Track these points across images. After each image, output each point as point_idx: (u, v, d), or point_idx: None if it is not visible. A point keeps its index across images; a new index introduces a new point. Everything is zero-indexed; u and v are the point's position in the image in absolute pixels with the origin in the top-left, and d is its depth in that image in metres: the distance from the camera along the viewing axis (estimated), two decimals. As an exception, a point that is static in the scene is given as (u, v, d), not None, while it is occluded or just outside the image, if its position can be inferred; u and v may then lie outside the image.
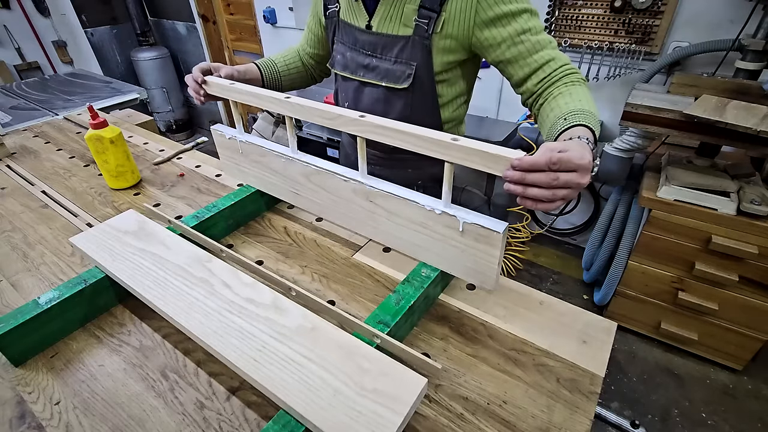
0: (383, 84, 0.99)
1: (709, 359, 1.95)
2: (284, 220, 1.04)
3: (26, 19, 3.54)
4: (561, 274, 2.52)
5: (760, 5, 1.59)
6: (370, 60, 1.00)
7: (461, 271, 0.74)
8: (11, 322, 0.68)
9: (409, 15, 0.90)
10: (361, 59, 1.01)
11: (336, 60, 1.08)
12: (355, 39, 1.01)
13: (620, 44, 1.98)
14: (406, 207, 0.74)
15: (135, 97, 2.34)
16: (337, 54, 1.07)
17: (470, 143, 0.60)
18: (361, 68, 1.02)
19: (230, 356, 0.60)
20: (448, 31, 0.89)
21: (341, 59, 1.06)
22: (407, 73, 0.96)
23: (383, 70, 0.98)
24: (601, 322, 0.76)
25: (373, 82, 1.01)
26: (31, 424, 0.62)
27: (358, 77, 1.03)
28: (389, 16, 0.93)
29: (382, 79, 0.99)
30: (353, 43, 1.01)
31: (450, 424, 0.61)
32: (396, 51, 0.95)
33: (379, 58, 0.98)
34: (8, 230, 1.04)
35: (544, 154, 0.56)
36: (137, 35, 4.02)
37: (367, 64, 1.00)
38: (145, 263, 0.76)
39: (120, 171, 1.17)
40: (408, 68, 0.95)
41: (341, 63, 1.06)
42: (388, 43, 0.95)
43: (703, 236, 1.65)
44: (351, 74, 1.04)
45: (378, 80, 1.00)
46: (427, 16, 0.89)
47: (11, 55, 3.55)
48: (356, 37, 1.00)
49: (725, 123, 1.39)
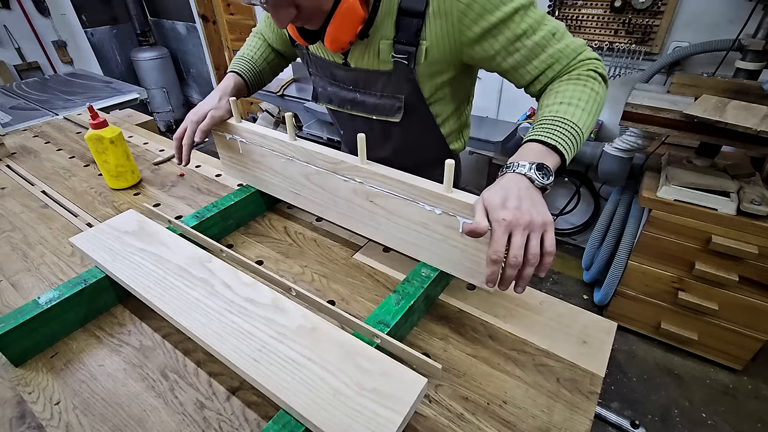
0: (374, 117, 0.94)
1: (709, 359, 1.95)
2: (284, 220, 1.04)
3: (26, 19, 3.54)
4: (561, 274, 2.52)
5: (760, 5, 1.59)
6: (354, 95, 0.93)
7: (461, 271, 0.74)
8: (11, 322, 0.68)
9: (385, 50, 0.81)
10: (344, 94, 0.95)
11: (318, 92, 1.02)
12: (332, 74, 0.93)
13: (620, 44, 1.98)
14: (406, 207, 0.74)
15: (135, 97, 2.34)
16: (317, 87, 1.01)
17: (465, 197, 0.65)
18: (347, 102, 0.96)
19: (230, 356, 0.60)
20: (433, 57, 0.80)
21: (323, 93, 1.00)
22: (396, 106, 0.89)
23: (371, 105, 0.92)
24: (601, 322, 0.76)
25: (362, 115, 0.96)
26: (31, 424, 0.62)
27: (347, 110, 0.98)
28: (365, 53, 0.84)
29: (372, 113, 0.94)
30: (332, 78, 0.94)
31: (450, 424, 0.61)
32: (380, 86, 0.88)
33: (363, 92, 0.91)
34: (8, 230, 1.04)
35: (498, 234, 0.57)
36: (137, 35, 4.02)
37: (352, 98, 0.94)
38: (145, 263, 0.76)
39: (120, 171, 1.17)
40: (397, 101, 0.88)
41: (325, 96, 1.00)
42: (369, 78, 0.87)
43: (703, 236, 1.65)
44: (338, 107, 0.99)
45: (368, 114, 0.94)
46: (405, 51, 0.79)
47: (11, 55, 3.55)
48: (333, 73, 0.92)
49: (725, 123, 1.39)
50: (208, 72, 4.11)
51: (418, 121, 0.94)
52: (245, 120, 0.94)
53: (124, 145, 1.16)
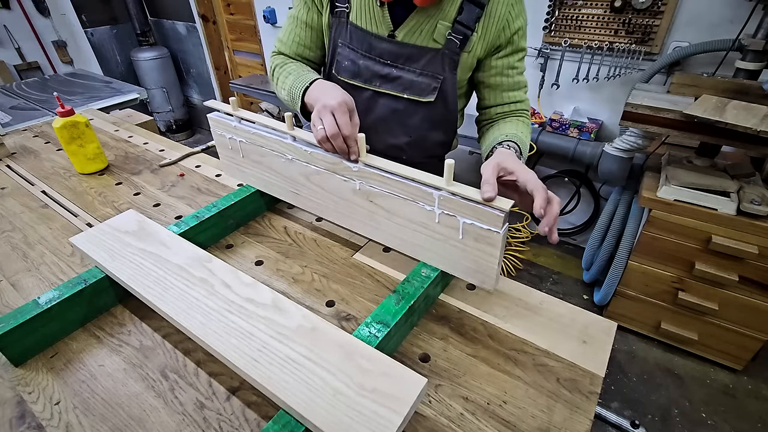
0: (404, 96, 0.95)
1: (709, 359, 1.95)
2: (284, 220, 1.04)
3: (26, 19, 3.53)
4: (561, 274, 2.52)
5: (760, 5, 1.59)
6: (390, 70, 0.94)
7: (461, 271, 0.74)
8: (11, 322, 0.68)
9: (441, 30, 0.88)
10: (378, 68, 0.94)
11: (342, 66, 0.98)
12: (370, 46, 0.93)
13: (620, 44, 1.98)
14: (406, 207, 0.74)
15: (135, 97, 2.34)
16: (343, 60, 0.97)
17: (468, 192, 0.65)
18: (378, 78, 0.95)
19: (230, 356, 0.60)
20: (475, 50, 0.90)
21: (350, 66, 0.97)
22: (433, 86, 0.93)
23: (407, 81, 0.94)
24: (601, 322, 0.76)
25: (392, 93, 0.96)
26: (31, 424, 0.62)
27: (373, 87, 0.97)
28: (419, 30, 0.89)
29: (404, 90, 0.95)
30: (367, 50, 0.94)
31: (450, 424, 0.61)
32: (423, 63, 0.92)
33: (401, 68, 0.93)
34: (8, 230, 1.04)
35: (542, 194, 0.64)
36: (137, 35, 4.02)
37: (387, 74, 0.94)
38: (145, 263, 0.76)
39: (96, 153, 1.26)
40: (434, 81, 0.92)
41: (350, 70, 0.97)
42: (414, 54, 0.91)
43: (703, 236, 1.65)
44: (363, 83, 0.97)
45: (399, 92, 0.95)
46: (462, 32, 0.87)
47: (11, 55, 3.55)
48: (372, 45, 0.93)
49: (725, 123, 1.39)
50: (208, 72, 4.11)
51: (444, 107, 0.98)
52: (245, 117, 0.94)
53: (91, 128, 1.25)
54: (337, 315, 0.78)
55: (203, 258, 0.77)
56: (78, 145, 1.22)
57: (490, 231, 0.64)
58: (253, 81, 3.06)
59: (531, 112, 2.33)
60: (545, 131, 2.28)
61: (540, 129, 2.29)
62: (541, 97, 2.34)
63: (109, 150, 1.43)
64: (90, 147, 1.24)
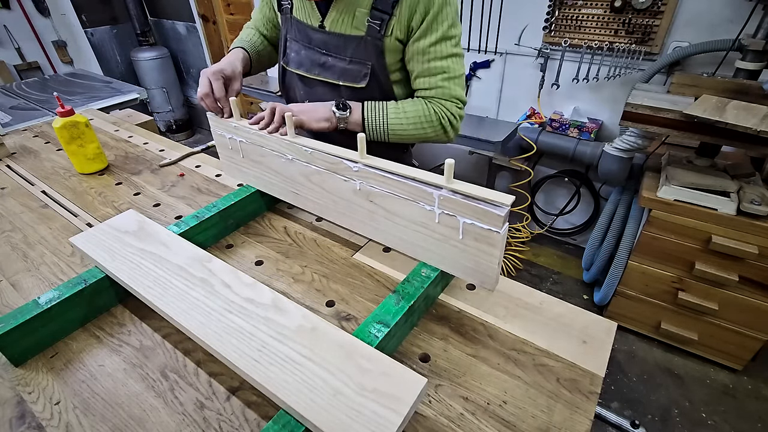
0: (340, 83, 1.00)
1: (709, 359, 1.95)
2: (284, 220, 1.04)
3: (26, 19, 3.53)
4: (561, 274, 2.52)
5: (760, 5, 1.59)
6: (326, 59, 1.00)
7: (461, 271, 0.74)
8: (11, 322, 0.68)
9: (360, 18, 0.92)
10: (316, 57, 1.01)
11: (290, 58, 1.07)
12: (308, 37, 1.01)
13: (620, 44, 1.98)
14: (406, 207, 0.74)
15: (135, 97, 2.34)
16: (291, 51, 1.07)
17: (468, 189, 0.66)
18: (317, 66, 1.02)
19: (230, 356, 0.60)
20: (396, 34, 0.92)
21: (296, 57, 1.05)
22: (363, 73, 0.97)
23: (339, 69, 0.99)
24: (601, 322, 0.76)
25: (329, 81, 1.02)
26: (31, 424, 0.62)
27: (314, 75, 1.03)
28: (341, 19, 0.94)
29: (339, 78, 1.00)
30: (307, 42, 1.02)
31: (450, 424, 0.61)
32: (350, 51, 0.96)
33: (334, 57, 0.99)
34: (8, 230, 1.04)
35: None
36: (137, 35, 4.02)
37: (323, 62, 1.01)
38: (145, 263, 0.76)
39: (96, 153, 1.26)
40: (364, 68, 0.97)
41: (296, 61, 1.06)
42: (341, 42, 0.97)
43: (703, 236, 1.65)
44: (306, 72, 1.05)
45: (334, 79, 1.01)
46: (379, 17, 0.91)
47: (11, 55, 3.54)
48: (310, 36, 1.00)
49: (725, 123, 1.39)
50: (208, 72, 4.11)
51: (380, 92, 1.00)
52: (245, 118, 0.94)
53: (91, 128, 1.26)
54: (337, 315, 0.78)
55: (203, 258, 0.77)
56: (78, 145, 1.22)
57: (490, 231, 0.64)
58: (253, 81, 3.06)
59: (531, 112, 2.33)
60: (545, 131, 2.28)
61: (540, 129, 2.29)
62: (541, 97, 2.34)
63: (109, 150, 1.43)
64: (90, 147, 1.24)
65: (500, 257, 0.67)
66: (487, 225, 0.65)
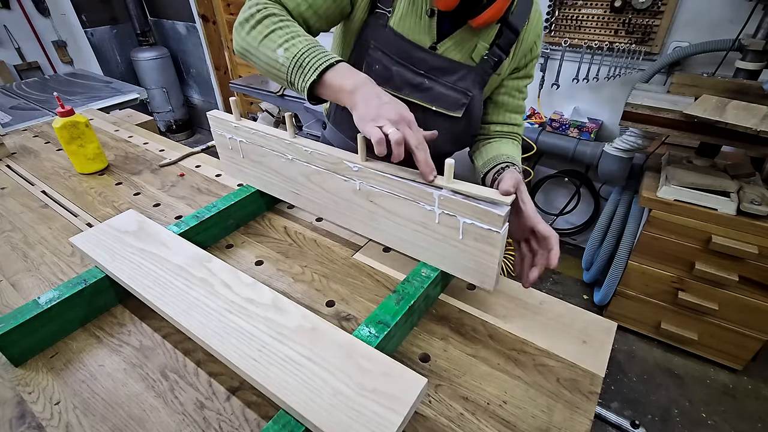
0: (432, 107, 0.93)
1: (709, 359, 1.95)
2: (284, 220, 1.04)
3: (26, 19, 3.53)
4: (561, 274, 2.52)
5: (760, 5, 1.59)
6: (422, 80, 0.91)
7: (461, 271, 0.74)
8: (11, 322, 0.68)
9: (480, 51, 0.90)
10: (410, 77, 0.91)
11: (373, 69, 0.92)
12: (408, 54, 0.90)
13: (620, 44, 1.98)
14: (406, 207, 0.74)
15: (135, 97, 2.34)
16: (375, 63, 0.91)
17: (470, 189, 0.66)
18: (409, 86, 0.92)
19: (230, 356, 0.60)
20: (504, 73, 0.95)
21: (383, 71, 0.91)
22: (461, 102, 0.93)
23: (436, 93, 0.92)
24: (601, 322, 0.76)
25: (419, 103, 0.93)
26: (31, 424, 0.62)
27: (402, 95, 0.92)
28: (460, 46, 0.90)
29: (432, 102, 0.93)
30: (404, 58, 0.90)
31: (450, 424, 0.61)
32: (455, 78, 0.92)
33: (433, 80, 0.92)
34: (8, 230, 1.04)
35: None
36: (137, 35, 4.02)
37: (419, 83, 0.92)
38: (145, 263, 0.76)
39: (97, 153, 1.26)
40: (464, 97, 0.93)
41: (382, 75, 0.91)
42: (449, 67, 0.91)
43: (703, 236, 1.65)
44: (393, 90, 0.92)
45: (427, 102, 0.93)
46: (498, 55, 0.90)
47: (11, 55, 3.54)
48: (410, 53, 0.90)
49: (725, 123, 1.39)
50: (208, 72, 4.11)
51: (468, 124, 0.99)
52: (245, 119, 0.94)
53: (91, 128, 1.26)
54: (337, 315, 0.78)
55: (203, 258, 0.77)
56: (78, 145, 1.22)
57: (490, 231, 0.65)
58: (253, 81, 3.06)
59: (531, 112, 2.34)
60: (545, 131, 2.28)
61: (540, 129, 2.29)
62: (541, 97, 2.34)
63: (109, 150, 1.43)
64: (90, 147, 1.24)
65: (500, 257, 0.67)
66: (487, 225, 0.65)
